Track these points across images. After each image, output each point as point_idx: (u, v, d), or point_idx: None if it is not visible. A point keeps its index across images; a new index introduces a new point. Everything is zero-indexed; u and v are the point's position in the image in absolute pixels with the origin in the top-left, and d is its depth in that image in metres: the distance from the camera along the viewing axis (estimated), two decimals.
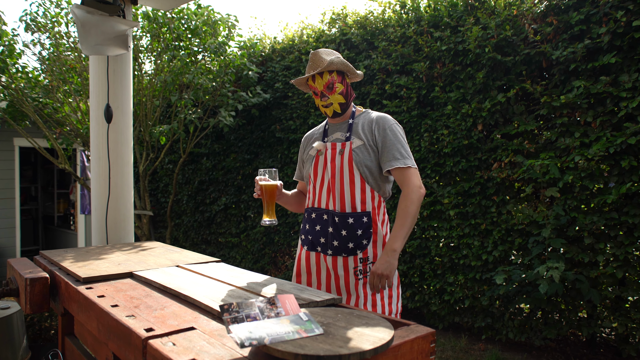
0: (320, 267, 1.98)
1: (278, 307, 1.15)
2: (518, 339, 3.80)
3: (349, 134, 1.97)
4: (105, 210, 2.65)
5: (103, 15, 2.40)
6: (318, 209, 1.99)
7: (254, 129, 5.90)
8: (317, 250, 1.98)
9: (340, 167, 1.93)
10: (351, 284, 1.90)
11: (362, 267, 1.90)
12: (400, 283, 2.01)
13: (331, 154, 1.97)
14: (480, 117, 3.91)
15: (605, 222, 3.28)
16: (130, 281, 1.68)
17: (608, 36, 3.24)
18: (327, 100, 1.97)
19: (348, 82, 2.01)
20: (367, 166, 1.92)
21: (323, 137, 2.07)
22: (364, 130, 1.97)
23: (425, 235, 4.34)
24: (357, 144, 1.94)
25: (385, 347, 0.99)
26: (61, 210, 9.20)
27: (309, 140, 2.16)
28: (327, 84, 1.94)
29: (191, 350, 1.02)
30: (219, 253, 6.45)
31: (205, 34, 5.36)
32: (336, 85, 1.95)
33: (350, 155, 1.92)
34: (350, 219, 1.90)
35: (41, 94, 5.36)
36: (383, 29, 4.74)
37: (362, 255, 1.90)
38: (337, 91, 1.95)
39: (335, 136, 2.03)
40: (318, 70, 1.92)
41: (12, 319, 2.20)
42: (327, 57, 1.93)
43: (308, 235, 2.02)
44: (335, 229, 1.92)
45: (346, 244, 1.90)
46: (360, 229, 1.90)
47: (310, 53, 1.95)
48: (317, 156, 2.01)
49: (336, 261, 1.92)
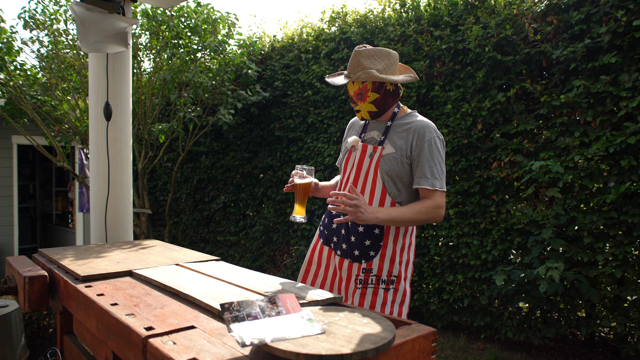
0: (330, 263, 1.98)
1: (279, 306, 1.14)
2: (517, 338, 3.81)
3: (384, 137, 1.88)
4: (104, 208, 2.64)
5: (102, 13, 2.39)
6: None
7: (253, 127, 5.89)
8: (330, 246, 1.98)
9: (367, 171, 1.87)
10: (350, 289, 1.88)
11: (363, 277, 1.85)
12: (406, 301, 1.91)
13: (361, 155, 1.90)
14: (480, 116, 3.91)
15: (604, 221, 3.28)
16: (129, 280, 1.67)
17: (608, 35, 3.24)
18: (356, 106, 1.90)
19: (389, 88, 1.86)
20: (392, 176, 1.83)
21: (361, 132, 2.00)
22: (400, 137, 1.85)
23: (424, 234, 4.34)
24: (388, 151, 1.85)
25: (386, 346, 0.99)
26: (59, 208, 9.18)
27: (350, 129, 2.09)
28: (358, 91, 1.86)
29: (192, 349, 1.01)
30: (218, 251, 6.44)
31: (205, 32, 5.35)
32: (368, 94, 1.84)
33: (378, 161, 1.84)
34: (361, 227, 1.85)
35: (39, 91, 5.34)
36: (383, 27, 4.74)
37: (365, 265, 1.84)
38: (369, 100, 1.85)
39: (371, 134, 1.95)
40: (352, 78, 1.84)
41: (10, 317, 2.19)
42: (365, 62, 1.81)
43: (325, 229, 2.01)
44: (347, 232, 1.89)
45: (352, 250, 1.87)
46: (369, 239, 1.84)
47: (354, 50, 1.84)
48: (350, 151, 1.96)
49: (342, 263, 1.90)
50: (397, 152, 1.83)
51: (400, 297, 1.90)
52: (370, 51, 1.83)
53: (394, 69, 1.87)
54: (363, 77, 1.80)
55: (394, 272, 1.88)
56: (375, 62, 1.82)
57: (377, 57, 1.82)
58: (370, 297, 1.86)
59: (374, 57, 1.82)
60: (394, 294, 1.89)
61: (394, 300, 1.89)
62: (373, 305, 1.86)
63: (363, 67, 1.81)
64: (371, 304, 1.86)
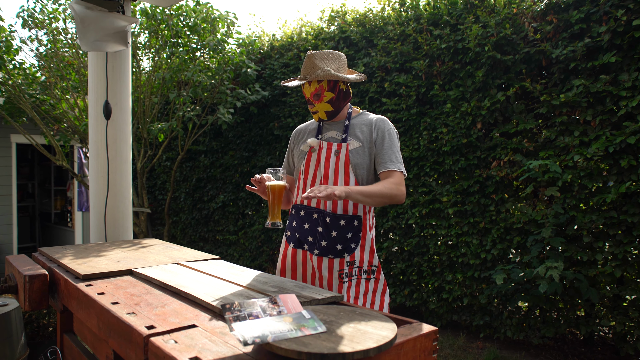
0: (306, 265, 1.96)
1: (280, 306, 1.14)
2: (516, 337, 3.81)
3: (345, 135, 1.95)
4: (104, 207, 2.63)
5: (102, 11, 2.39)
6: (308, 207, 1.96)
7: (252, 126, 5.88)
8: (304, 249, 1.96)
9: (336, 167, 1.91)
10: (334, 286, 1.89)
11: (347, 270, 1.89)
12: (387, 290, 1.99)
13: (326, 153, 1.95)
14: (479, 116, 3.91)
15: (604, 221, 3.29)
16: (130, 278, 1.67)
17: (608, 35, 3.24)
18: (313, 107, 1.97)
19: (342, 88, 1.96)
20: (363, 169, 1.91)
21: (317, 134, 2.04)
22: (362, 132, 1.95)
23: (423, 234, 4.34)
24: (354, 146, 1.93)
25: (388, 345, 0.99)
26: (58, 207, 9.16)
27: (300, 134, 2.12)
28: (315, 92, 1.92)
29: (193, 347, 1.01)
30: (217, 251, 6.44)
31: (204, 31, 5.34)
32: (324, 94, 1.92)
33: (347, 156, 1.91)
34: (342, 221, 1.89)
35: (38, 90, 5.33)
36: (382, 26, 4.73)
37: (349, 258, 1.89)
38: (325, 100, 1.93)
39: (330, 134, 2.00)
40: (308, 79, 1.91)
41: (10, 316, 2.19)
42: (319, 63, 1.90)
43: (295, 232, 2.00)
44: (326, 229, 1.90)
45: (334, 245, 1.89)
46: (350, 232, 1.90)
47: (307, 54, 1.93)
48: (310, 153, 1.98)
49: (321, 262, 1.90)
50: (363, 145, 1.93)
51: (381, 286, 1.97)
52: (322, 53, 1.92)
53: (344, 70, 1.98)
54: (321, 74, 1.87)
55: (374, 262, 1.96)
56: (328, 63, 1.91)
57: (329, 58, 1.92)
58: (354, 288, 1.90)
59: (327, 59, 1.92)
60: (375, 283, 1.96)
61: (375, 289, 1.96)
62: (357, 296, 1.91)
63: (317, 67, 1.89)
64: (356, 295, 1.90)
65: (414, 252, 4.40)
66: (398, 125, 4.49)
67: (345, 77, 1.91)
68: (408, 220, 4.36)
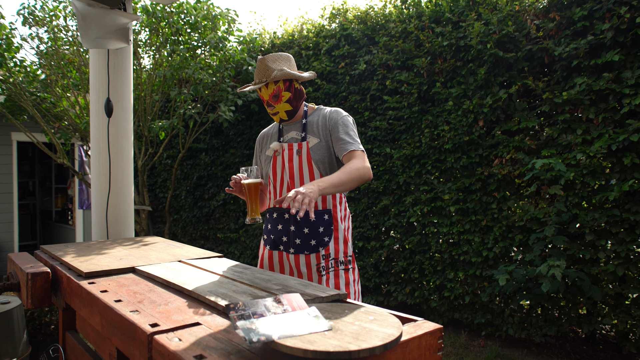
0: (283, 265, 2.01)
1: (284, 305, 1.14)
2: (518, 335, 3.81)
3: (304, 133, 2.00)
4: (105, 205, 2.63)
5: (104, 8, 2.38)
6: (279, 208, 2.01)
7: (253, 124, 5.87)
8: (280, 249, 2.01)
9: (299, 167, 1.96)
10: (314, 281, 1.93)
11: (324, 264, 1.94)
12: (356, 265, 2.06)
13: (288, 154, 1.99)
14: (481, 113, 3.90)
15: (606, 219, 3.28)
16: (132, 276, 1.66)
17: (611, 32, 3.22)
18: (273, 109, 2.00)
19: (297, 87, 2.00)
20: (325, 163, 1.95)
21: (278, 137, 2.09)
22: (318, 127, 1.99)
23: (425, 232, 4.33)
24: (313, 143, 1.97)
25: (394, 343, 0.98)
26: (59, 205, 9.16)
27: (263, 140, 2.17)
28: (273, 94, 1.96)
29: (198, 345, 1.00)
30: (218, 249, 6.43)
31: (205, 29, 5.33)
32: (282, 94, 1.96)
33: (308, 154, 1.95)
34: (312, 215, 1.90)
35: (39, 88, 5.32)
36: (384, 24, 4.72)
37: (324, 252, 1.94)
38: (284, 100, 1.97)
39: (290, 135, 2.05)
40: (263, 82, 1.94)
41: (12, 314, 2.18)
42: (273, 65, 1.94)
43: (270, 235, 2.05)
44: (297, 227, 1.95)
45: (308, 242, 1.93)
46: (322, 226, 1.94)
47: (258, 59, 1.98)
48: (275, 156, 2.03)
49: (298, 259, 1.95)
50: (321, 139, 1.97)
51: (356, 275, 2.03)
52: (273, 56, 1.97)
53: (294, 70, 2.03)
54: (279, 74, 1.91)
55: (348, 253, 2.00)
56: (280, 64, 1.96)
57: (280, 60, 1.97)
58: (333, 280, 1.95)
59: (278, 60, 1.97)
60: (353, 272, 2.01)
61: (354, 279, 2.01)
62: (337, 287, 1.95)
63: (272, 69, 1.94)
64: (335, 287, 1.94)
65: (416, 250, 4.39)
66: (400, 123, 4.48)
67: (299, 75, 1.97)
68: (409, 218, 4.36)
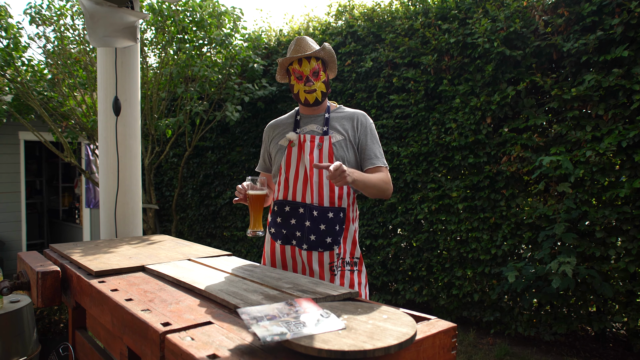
0: (296, 261, 1.93)
1: (296, 307, 1.13)
2: (527, 333, 3.78)
3: (327, 127, 1.94)
4: (114, 203, 2.63)
5: (112, 7, 2.37)
6: (293, 202, 1.93)
7: (260, 122, 5.87)
8: (292, 244, 1.93)
9: (319, 161, 1.89)
10: (326, 280, 1.88)
11: (336, 262, 1.90)
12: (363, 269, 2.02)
13: (310, 146, 1.91)
14: (489, 111, 3.87)
15: (617, 216, 3.25)
16: (142, 275, 1.66)
17: (621, 27, 3.19)
18: (311, 85, 1.92)
19: (329, 75, 2.01)
20: (346, 161, 1.90)
21: (294, 128, 2.01)
22: (343, 125, 1.95)
23: (433, 229, 4.31)
24: (337, 139, 1.92)
25: (409, 342, 0.97)
26: (66, 204, 9.20)
27: (276, 129, 2.08)
28: (314, 69, 1.92)
29: (210, 344, 1.00)
30: (224, 247, 6.44)
31: (211, 27, 5.33)
32: (321, 73, 1.93)
33: (330, 149, 1.89)
34: (330, 214, 1.88)
35: (46, 87, 5.33)
36: (390, 21, 4.69)
37: (337, 250, 1.89)
38: (322, 79, 1.94)
39: (310, 128, 1.98)
40: (307, 54, 1.89)
41: (22, 312, 2.19)
42: (315, 45, 1.96)
43: (282, 229, 1.96)
44: (314, 222, 1.88)
45: (324, 239, 1.88)
46: (338, 224, 1.89)
47: (296, 38, 1.95)
48: (290, 147, 1.95)
49: (311, 256, 1.88)
50: (345, 138, 1.94)
51: (363, 279, 1.97)
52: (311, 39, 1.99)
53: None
54: (322, 53, 1.92)
55: (355, 254, 1.96)
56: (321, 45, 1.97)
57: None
58: (339, 280, 1.90)
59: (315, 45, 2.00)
60: (358, 275, 1.96)
61: (359, 282, 1.96)
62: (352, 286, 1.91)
63: (313, 47, 1.94)
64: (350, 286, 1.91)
65: (424, 248, 4.37)
66: (407, 121, 4.46)
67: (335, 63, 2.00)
68: (417, 216, 4.34)
